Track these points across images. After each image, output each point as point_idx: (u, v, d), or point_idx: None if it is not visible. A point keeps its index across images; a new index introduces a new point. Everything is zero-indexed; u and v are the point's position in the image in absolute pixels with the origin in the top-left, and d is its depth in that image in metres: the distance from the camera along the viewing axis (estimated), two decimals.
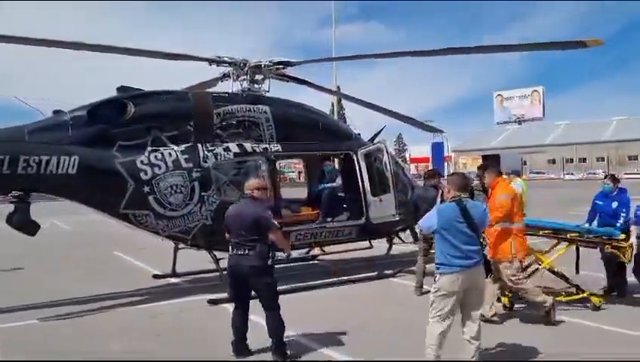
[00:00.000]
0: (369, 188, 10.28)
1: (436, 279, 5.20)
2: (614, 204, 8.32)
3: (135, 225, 8.76)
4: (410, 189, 11.00)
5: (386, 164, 10.22)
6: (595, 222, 8.61)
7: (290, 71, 10.60)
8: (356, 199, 10.31)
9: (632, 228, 8.18)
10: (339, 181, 10.49)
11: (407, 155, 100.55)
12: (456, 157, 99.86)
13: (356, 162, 10.41)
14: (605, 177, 9.06)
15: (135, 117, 8.63)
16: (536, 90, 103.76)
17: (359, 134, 11.51)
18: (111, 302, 8.73)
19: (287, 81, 10.73)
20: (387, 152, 10.19)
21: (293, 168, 70.17)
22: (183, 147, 8.88)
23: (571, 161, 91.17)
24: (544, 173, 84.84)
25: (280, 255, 7.36)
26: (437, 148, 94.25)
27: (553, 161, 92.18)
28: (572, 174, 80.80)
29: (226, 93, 10.10)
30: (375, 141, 11.08)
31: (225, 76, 10.51)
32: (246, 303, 6.08)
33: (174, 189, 8.69)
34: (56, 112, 8.53)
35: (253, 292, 6.06)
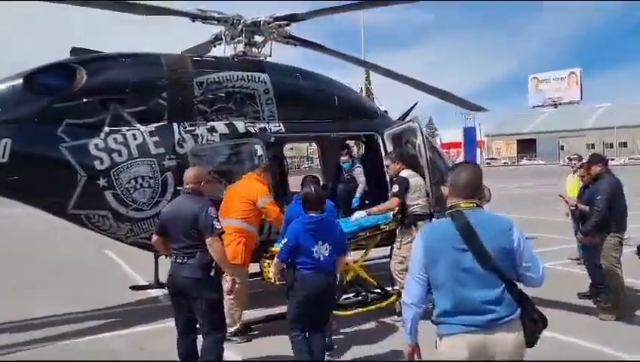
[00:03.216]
0: None
1: (436, 343, 3.03)
2: None
3: (90, 229, 6.74)
4: None
5: (419, 147, 7.93)
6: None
7: (298, 33, 8.37)
8: (381, 192, 8.05)
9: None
10: (360, 177, 8.22)
11: (437, 140, 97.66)
12: (489, 142, 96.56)
13: (382, 146, 8.16)
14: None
15: (87, 87, 6.54)
16: (573, 72, 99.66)
17: (386, 111, 9.24)
18: (59, 330, 6.75)
19: (295, 45, 8.47)
20: (421, 133, 7.91)
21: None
22: (152, 127, 6.77)
23: (611, 145, 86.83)
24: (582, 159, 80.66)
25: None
26: (469, 133, 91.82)
27: (592, 146, 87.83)
28: (612, 159, 76.56)
29: (211, 57, 7.94)
30: (406, 120, 8.79)
31: (217, 39, 8.34)
32: (190, 326, 4.93)
33: (140, 183, 6.61)
34: None
35: None
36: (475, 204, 3.08)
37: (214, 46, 8.56)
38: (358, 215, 7.01)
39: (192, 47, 8.79)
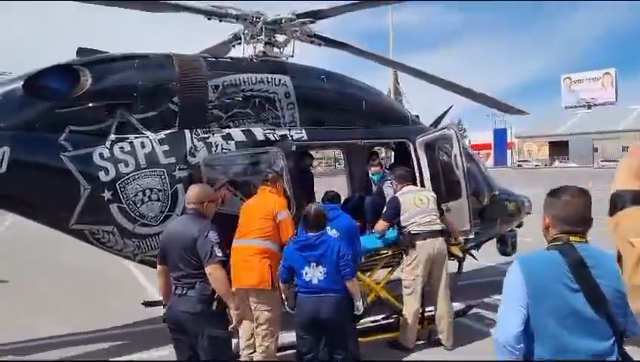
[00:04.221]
0: None
1: None
2: None
3: (95, 246, 6.20)
4: (489, 192, 7.96)
5: (456, 157, 7.21)
6: None
7: (322, 31, 7.71)
8: None
9: None
10: (389, 190, 7.44)
11: (467, 142, 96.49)
12: (521, 143, 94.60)
13: (413, 154, 7.45)
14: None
15: (92, 91, 5.99)
16: (608, 73, 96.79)
17: (417, 117, 8.54)
18: (62, 354, 6.25)
19: (320, 45, 7.83)
20: (458, 141, 7.20)
21: None
22: (162, 134, 6.19)
23: None
24: (617, 162, 77.86)
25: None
26: (499, 135, 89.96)
27: (627, 149, 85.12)
28: None
29: (227, 58, 7.35)
30: (440, 126, 8.06)
31: (236, 38, 7.75)
32: None
33: (148, 195, 6.02)
34: None
35: None
36: (585, 239, 2.55)
37: (234, 46, 8.00)
38: None
39: (211, 47, 8.25)
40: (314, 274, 4.76)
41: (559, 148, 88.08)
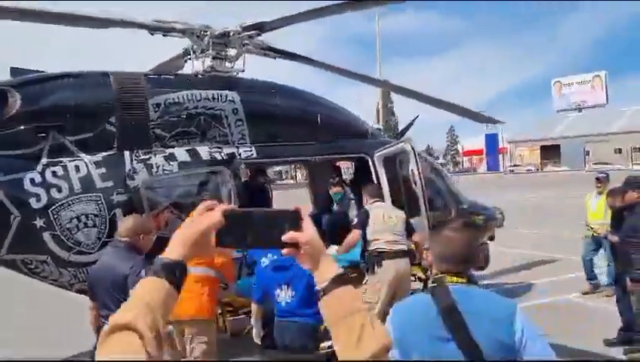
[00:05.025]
0: None
1: None
2: None
3: (29, 276, 5.86)
4: (454, 207, 7.66)
5: (413, 172, 6.93)
6: None
7: (272, 41, 7.44)
8: None
9: None
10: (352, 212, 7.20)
11: (459, 148, 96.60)
12: (512, 148, 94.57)
13: (372, 170, 7.17)
14: None
15: (22, 113, 5.66)
16: (597, 75, 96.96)
17: (380, 129, 8.27)
18: None
19: (274, 57, 7.56)
20: (415, 154, 6.92)
21: None
22: (99, 157, 5.88)
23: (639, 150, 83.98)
24: (609, 165, 77.78)
25: None
26: (491, 140, 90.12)
27: (619, 151, 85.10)
28: None
29: (171, 74, 7.07)
30: (400, 140, 7.79)
31: (187, 53, 7.47)
32: None
33: (83, 222, 5.71)
34: None
35: None
36: (466, 279, 2.28)
37: (186, 61, 7.72)
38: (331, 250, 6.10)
39: (162, 62, 7.99)
40: (284, 296, 4.56)
41: (551, 152, 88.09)
